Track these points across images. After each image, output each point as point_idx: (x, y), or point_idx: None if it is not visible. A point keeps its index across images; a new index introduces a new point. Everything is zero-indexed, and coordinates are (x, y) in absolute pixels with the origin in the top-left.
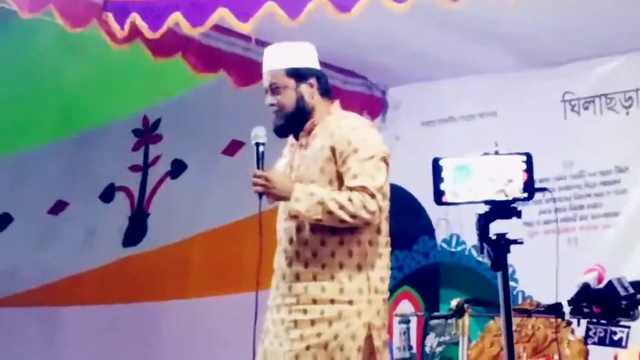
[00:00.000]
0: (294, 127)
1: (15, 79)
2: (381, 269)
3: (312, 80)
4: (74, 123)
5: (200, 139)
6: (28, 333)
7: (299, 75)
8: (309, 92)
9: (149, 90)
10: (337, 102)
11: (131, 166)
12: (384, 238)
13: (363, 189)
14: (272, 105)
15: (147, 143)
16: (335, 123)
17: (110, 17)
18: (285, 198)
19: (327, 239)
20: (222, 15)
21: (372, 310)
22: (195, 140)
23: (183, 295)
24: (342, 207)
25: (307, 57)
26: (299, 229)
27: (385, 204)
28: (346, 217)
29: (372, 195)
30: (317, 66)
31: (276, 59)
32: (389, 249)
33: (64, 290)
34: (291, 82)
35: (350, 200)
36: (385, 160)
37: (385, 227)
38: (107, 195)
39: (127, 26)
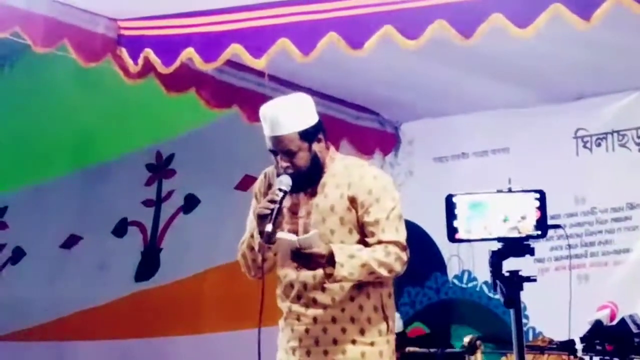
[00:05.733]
0: (309, 183)
1: (29, 112)
2: (393, 308)
3: (320, 135)
4: (87, 157)
5: (214, 174)
6: None
7: (310, 135)
8: (320, 147)
9: (163, 125)
10: (331, 146)
11: (144, 201)
12: (391, 279)
13: (395, 243)
14: (287, 168)
15: (160, 178)
16: (352, 171)
17: (124, 52)
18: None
19: (346, 285)
20: (236, 50)
21: (390, 350)
22: (209, 175)
23: (196, 331)
24: (381, 264)
25: (312, 112)
26: (314, 276)
27: None
28: (385, 273)
29: (404, 248)
30: (316, 115)
31: (284, 123)
32: (393, 288)
33: (76, 324)
34: (305, 145)
35: (388, 254)
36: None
37: None
38: (120, 229)
39: (140, 61)
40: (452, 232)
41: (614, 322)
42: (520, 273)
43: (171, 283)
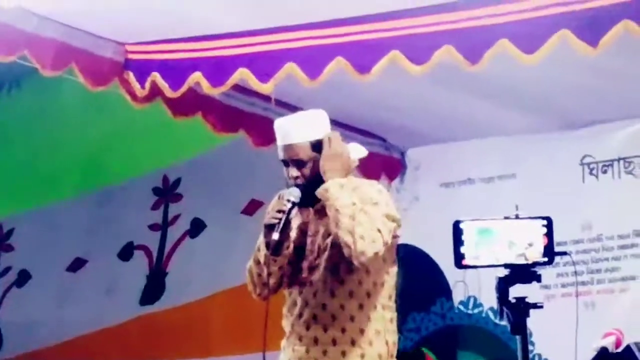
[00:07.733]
0: (318, 198)
1: (36, 135)
2: (394, 333)
3: None
4: (93, 181)
5: (220, 198)
6: None
7: (322, 146)
8: None
9: (169, 149)
10: None
11: (150, 225)
12: (394, 304)
13: (379, 231)
14: (297, 178)
15: (166, 202)
16: (360, 189)
17: (131, 76)
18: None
19: (346, 303)
20: (243, 75)
21: None
22: (215, 199)
23: (202, 354)
24: (361, 224)
25: (325, 125)
26: (315, 294)
27: (394, 271)
28: (357, 233)
29: (385, 243)
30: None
31: (297, 132)
32: (396, 314)
33: (82, 348)
34: (316, 155)
35: (372, 229)
36: (397, 225)
37: (394, 294)
38: (126, 253)
39: (147, 85)
40: (459, 258)
41: (620, 349)
42: (526, 299)
43: (177, 307)
